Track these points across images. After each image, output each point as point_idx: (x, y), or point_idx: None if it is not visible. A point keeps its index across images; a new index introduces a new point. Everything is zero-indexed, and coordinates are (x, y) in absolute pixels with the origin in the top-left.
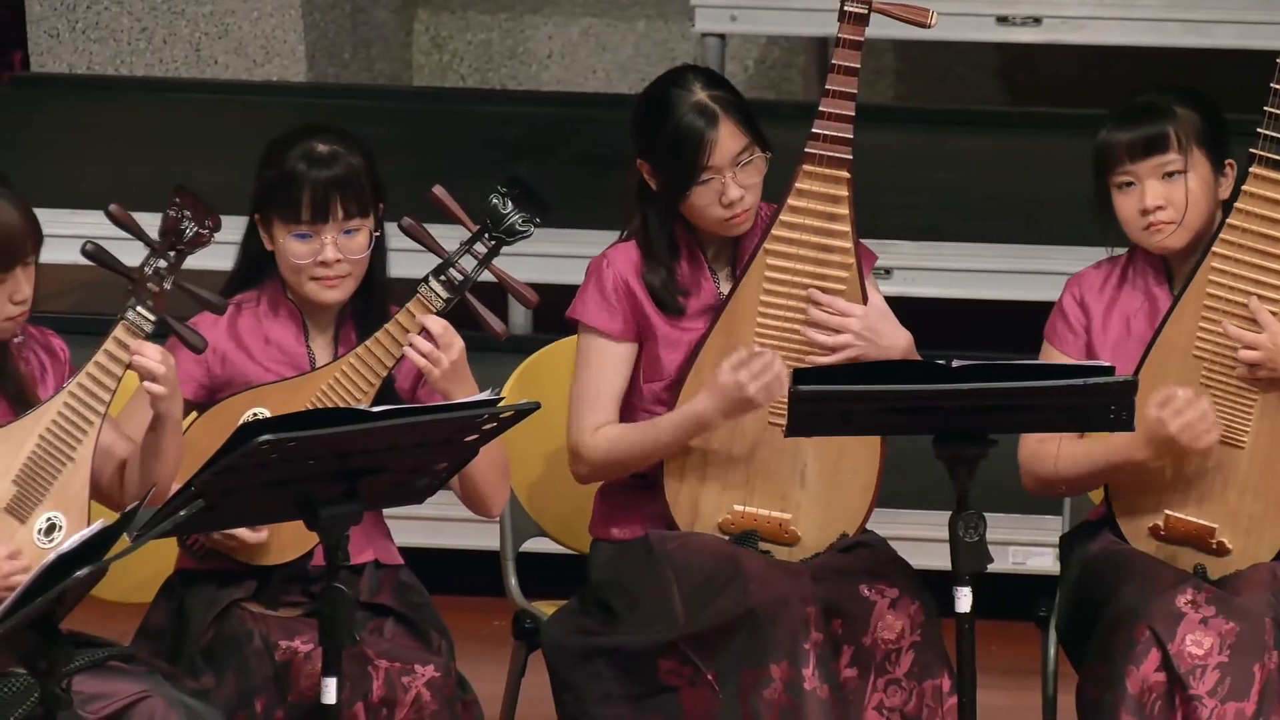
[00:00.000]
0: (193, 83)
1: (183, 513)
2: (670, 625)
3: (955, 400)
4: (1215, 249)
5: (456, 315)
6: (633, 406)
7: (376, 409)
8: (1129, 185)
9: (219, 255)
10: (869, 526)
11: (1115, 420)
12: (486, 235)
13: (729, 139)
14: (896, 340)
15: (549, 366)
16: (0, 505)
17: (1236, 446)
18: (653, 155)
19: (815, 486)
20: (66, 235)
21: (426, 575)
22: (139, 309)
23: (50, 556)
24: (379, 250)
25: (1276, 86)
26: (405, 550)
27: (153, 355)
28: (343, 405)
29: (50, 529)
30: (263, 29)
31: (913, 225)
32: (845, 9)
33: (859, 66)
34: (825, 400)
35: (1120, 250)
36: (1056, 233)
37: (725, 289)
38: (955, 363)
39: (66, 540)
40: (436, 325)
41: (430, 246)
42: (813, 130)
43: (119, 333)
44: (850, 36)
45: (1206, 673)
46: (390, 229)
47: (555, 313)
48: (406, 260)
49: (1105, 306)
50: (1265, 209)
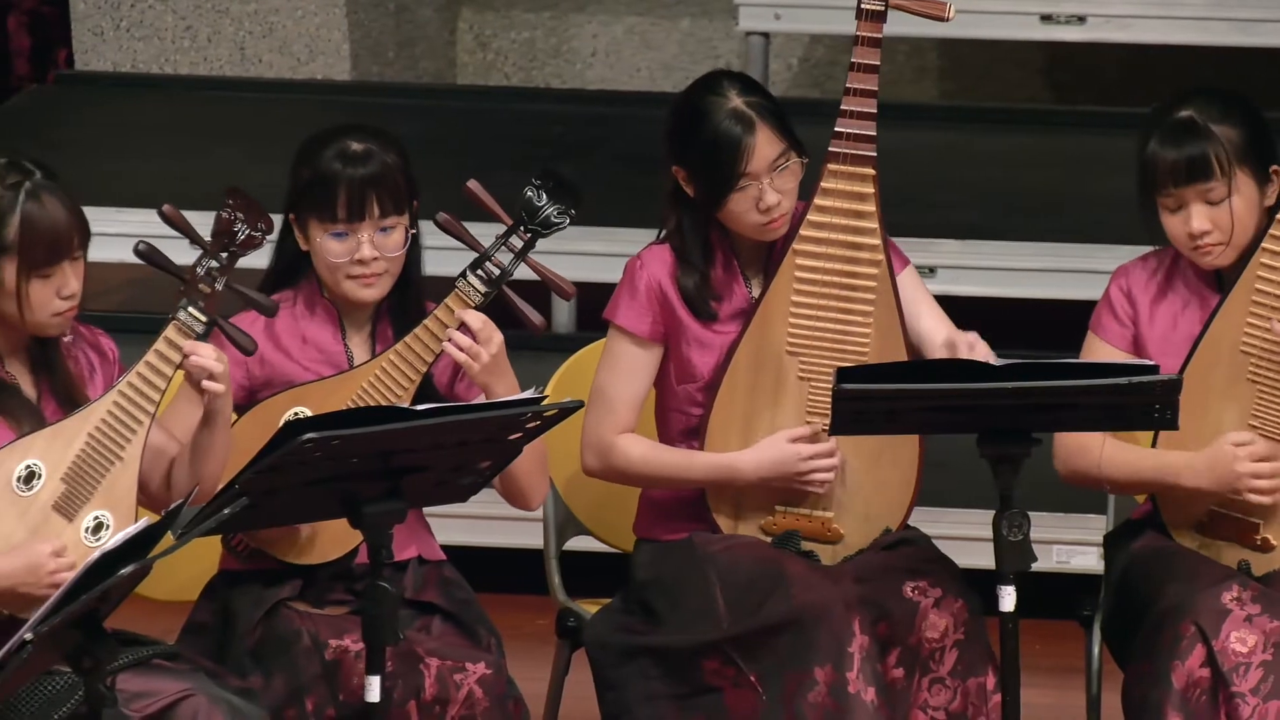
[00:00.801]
0: (237, 81)
1: (226, 511)
2: (713, 627)
3: (999, 399)
4: (1265, 245)
5: (495, 311)
6: (667, 407)
7: (420, 407)
8: (1176, 208)
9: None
10: (913, 523)
11: (1159, 419)
12: (522, 228)
13: (766, 145)
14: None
15: (592, 365)
16: (48, 503)
17: None
18: (689, 162)
19: (855, 483)
20: (111, 234)
21: (469, 573)
22: (190, 310)
23: (94, 554)
24: (414, 247)
25: None
26: (448, 548)
27: (209, 355)
28: (383, 402)
29: (98, 527)
30: (307, 27)
31: (956, 224)
32: (863, 6)
33: (879, 64)
34: (869, 399)
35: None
36: (1101, 231)
37: (757, 293)
38: (999, 361)
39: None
40: (475, 319)
41: (467, 241)
42: (835, 129)
43: (170, 333)
44: (869, 34)
45: (1250, 670)
46: (426, 226)
47: (598, 311)
48: (441, 258)
49: (1152, 301)
50: None
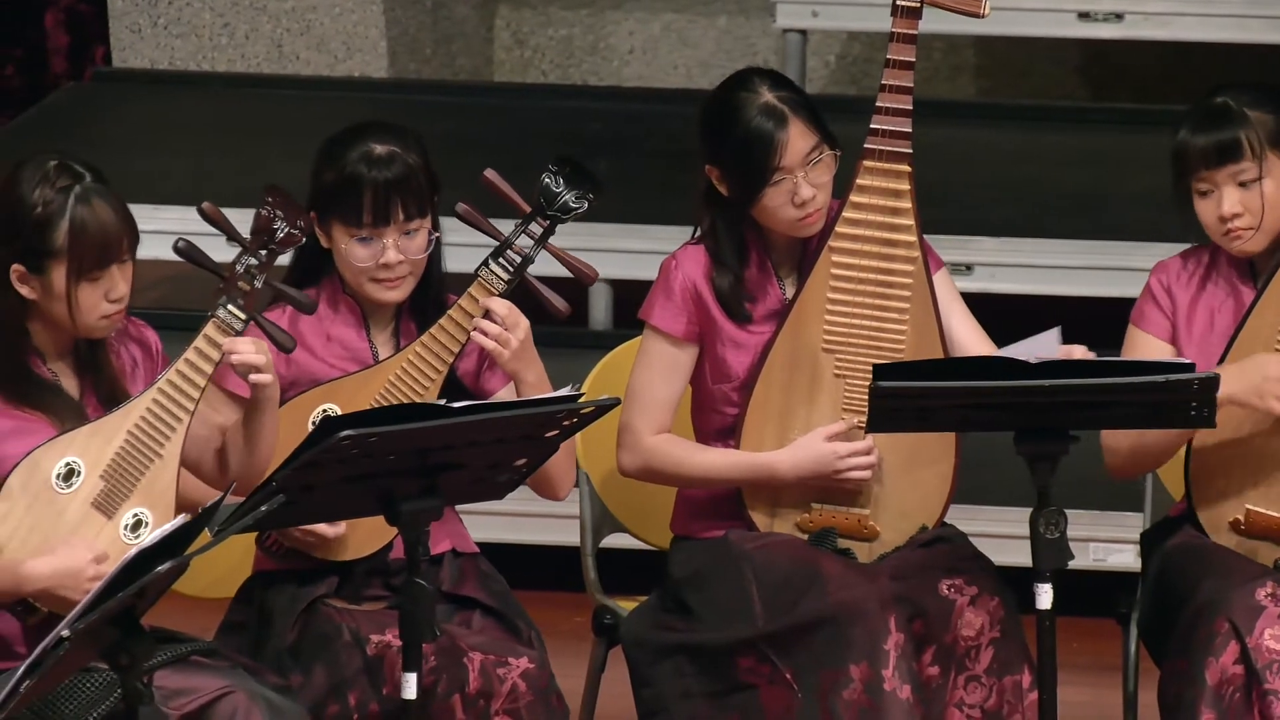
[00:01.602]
0: (274, 78)
1: (264, 508)
2: (749, 624)
3: (1036, 396)
4: None
5: (518, 299)
6: (702, 406)
7: (457, 405)
8: (1207, 192)
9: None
10: (949, 521)
11: (1196, 417)
12: (541, 215)
13: (799, 139)
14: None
15: (629, 362)
16: (88, 500)
17: None
18: (722, 160)
19: (892, 481)
20: (149, 230)
21: (506, 570)
22: (230, 307)
23: (131, 551)
24: (436, 244)
25: None
26: (485, 545)
27: (247, 349)
28: (411, 394)
29: (137, 525)
30: (344, 25)
31: (993, 221)
32: (898, 3)
33: (914, 60)
34: (905, 396)
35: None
36: (1138, 229)
37: (790, 293)
38: (1035, 359)
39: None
40: (501, 306)
41: (487, 230)
42: (871, 126)
43: (209, 330)
44: (904, 30)
45: None
46: (448, 222)
47: (636, 308)
48: (461, 255)
49: (1190, 297)
50: None
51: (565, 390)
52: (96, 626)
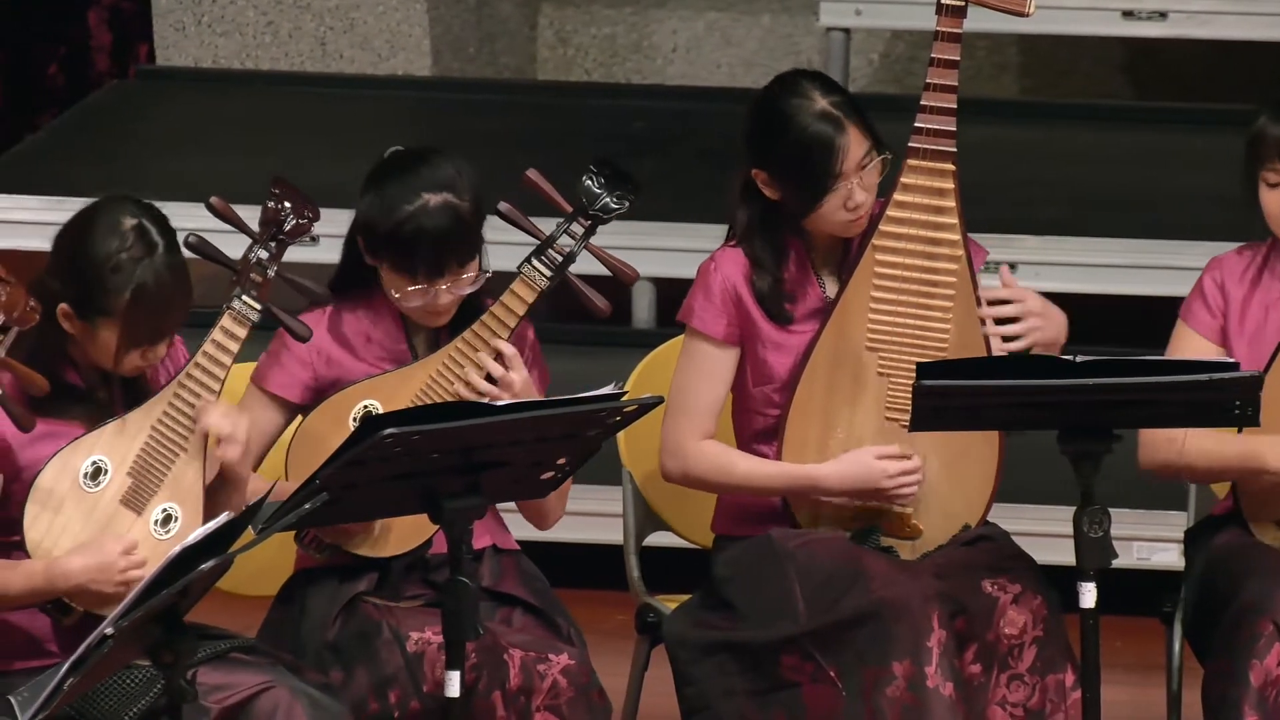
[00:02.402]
0: (318, 77)
1: (307, 506)
2: (792, 622)
3: (1079, 395)
4: None
5: (559, 299)
6: (744, 409)
7: (500, 403)
8: (1277, 184)
9: (324, 249)
10: (993, 519)
11: (1239, 416)
12: (582, 216)
13: (855, 145)
14: (1060, 316)
15: (672, 360)
16: (116, 498)
17: None
18: (775, 167)
19: (935, 479)
20: (189, 229)
21: (549, 568)
22: (244, 298)
23: (175, 549)
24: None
25: None
26: (528, 543)
27: (215, 417)
28: (452, 391)
29: (166, 520)
30: (388, 23)
31: (1037, 220)
32: (942, 1)
33: (959, 59)
34: (949, 395)
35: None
36: (1182, 228)
37: (831, 293)
38: (1079, 358)
39: (182, 531)
40: (508, 348)
41: (527, 229)
42: (915, 124)
43: (225, 322)
44: (948, 29)
45: None
46: (489, 221)
47: (678, 307)
48: (505, 253)
49: (1245, 293)
50: None
51: (608, 388)
52: (140, 624)
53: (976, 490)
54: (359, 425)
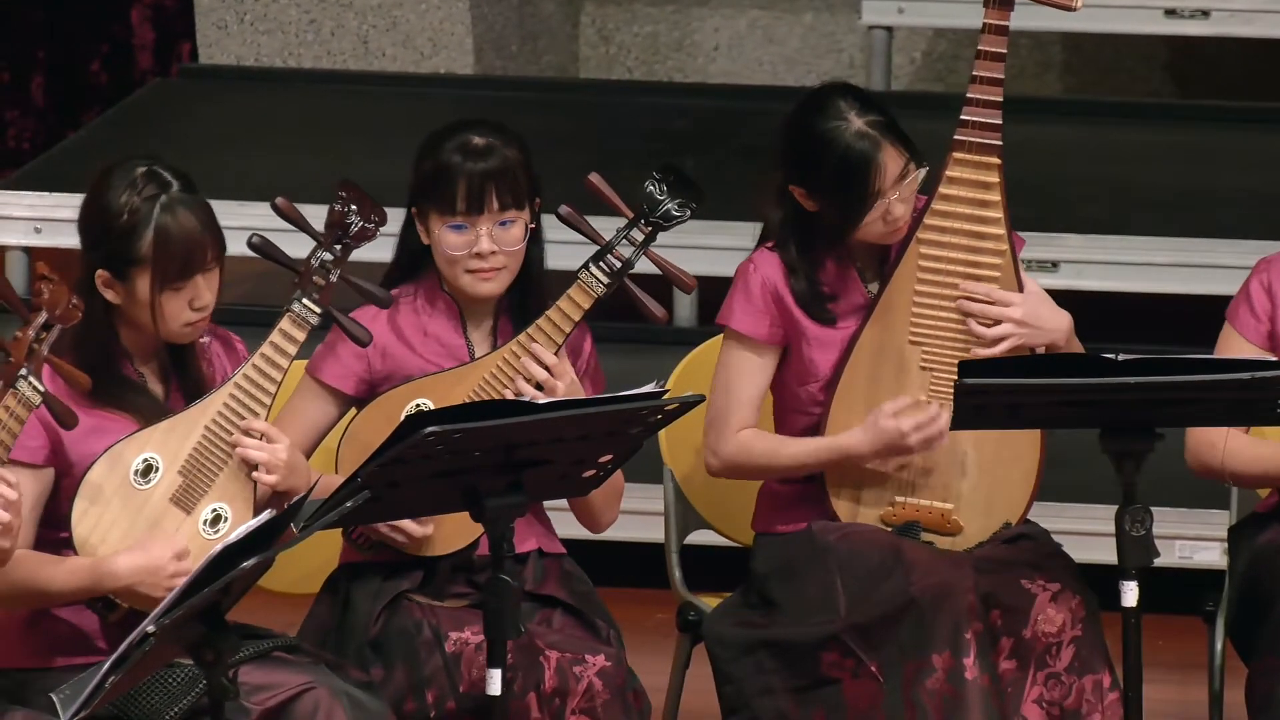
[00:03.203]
0: (360, 75)
1: (349, 504)
2: (833, 617)
3: (1121, 394)
4: None
5: (616, 303)
6: (788, 409)
7: (542, 400)
8: None
9: (379, 246)
10: (1034, 519)
11: None
12: (643, 221)
13: (891, 164)
14: (1058, 324)
15: (713, 359)
16: (166, 496)
17: None
18: (813, 185)
19: (976, 476)
20: (235, 227)
21: (591, 567)
22: (305, 301)
23: (217, 547)
24: (535, 243)
25: None
26: (569, 542)
27: (252, 446)
28: (506, 393)
29: (215, 520)
30: (430, 21)
31: (1080, 218)
32: None
33: (1005, 52)
34: (990, 394)
35: None
36: (1225, 226)
37: (873, 288)
38: (1121, 356)
39: (231, 531)
40: (550, 358)
41: (587, 233)
42: (961, 117)
43: (285, 325)
44: (996, 21)
45: None
46: (548, 221)
47: (720, 305)
48: (563, 252)
49: None
50: None
51: (650, 387)
52: (182, 622)
53: (1018, 489)
54: (401, 423)
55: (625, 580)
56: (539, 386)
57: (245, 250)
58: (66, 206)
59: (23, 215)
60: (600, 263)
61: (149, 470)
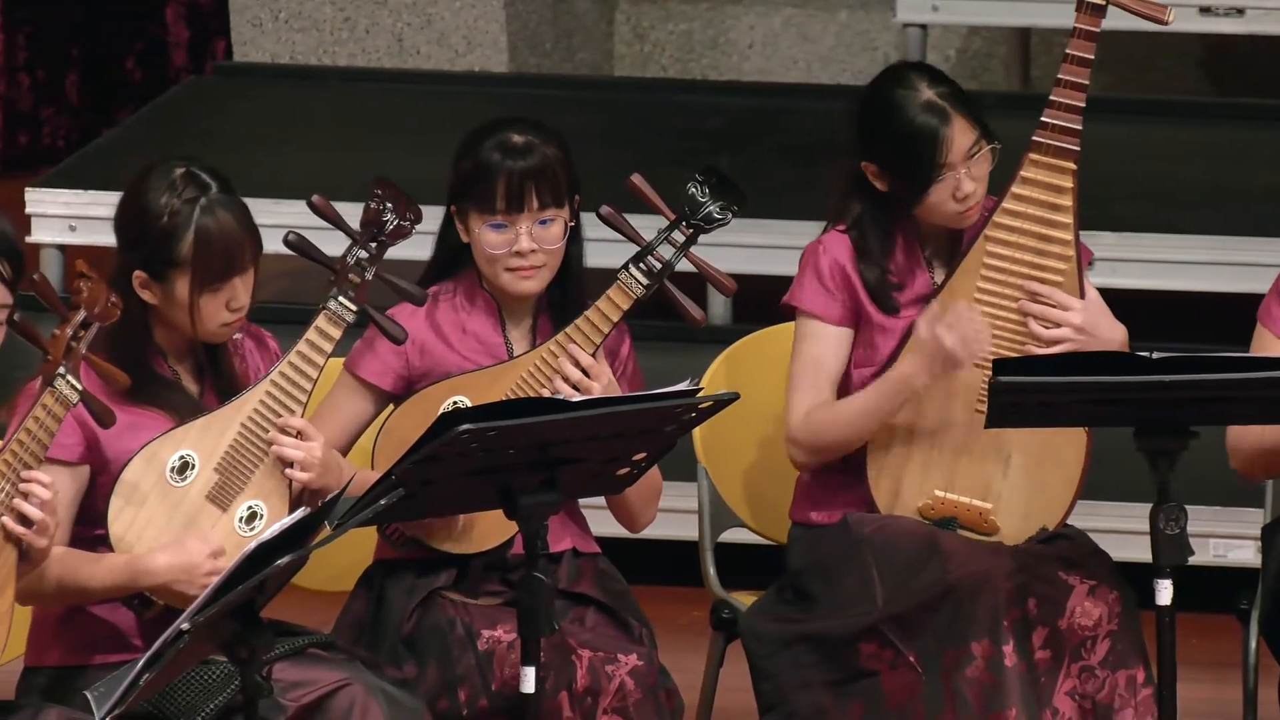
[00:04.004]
0: (395, 73)
1: (383, 501)
2: (870, 608)
3: (1156, 392)
4: None
5: (655, 303)
6: (841, 392)
7: (576, 399)
8: None
9: (417, 245)
10: (1069, 519)
11: None
12: (684, 223)
13: (961, 135)
14: (1114, 334)
15: (748, 357)
16: (202, 493)
17: None
18: (883, 158)
19: (1018, 478)
20: (269, 225)
21: (625, 565)
22: (340, 299)
23: (251, 544)
24: (575, 242)
25: None
26: (604, 540)
27: (288, 445)
28: (544, 392)
29: (251, 517)
30: (465, 19)
31: (1116, 216)
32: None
33: (1093, 58)
34: (1026, 391)
35: None
36: (1261, 224)
37: (939, 280)
38: (1156, 354)
39: (267, 528)
40: (586, 359)
41: (628, 234)
42: (1042, 119)
43: (321, 323)
44: (1086, 27)
45: None
46: (587, 219)
47: (755, 303)
48: (602, 250)
49: None
50: None
51: (684, 384)
52: (216, 619)
53: (1058, 494)
54: (435, 421)
55: (659, 578)
56: (575, 387)
57: (281, 248)
58: (101, 204)
59: (58, 213)
60: (640, 264)
61: (185, 468)
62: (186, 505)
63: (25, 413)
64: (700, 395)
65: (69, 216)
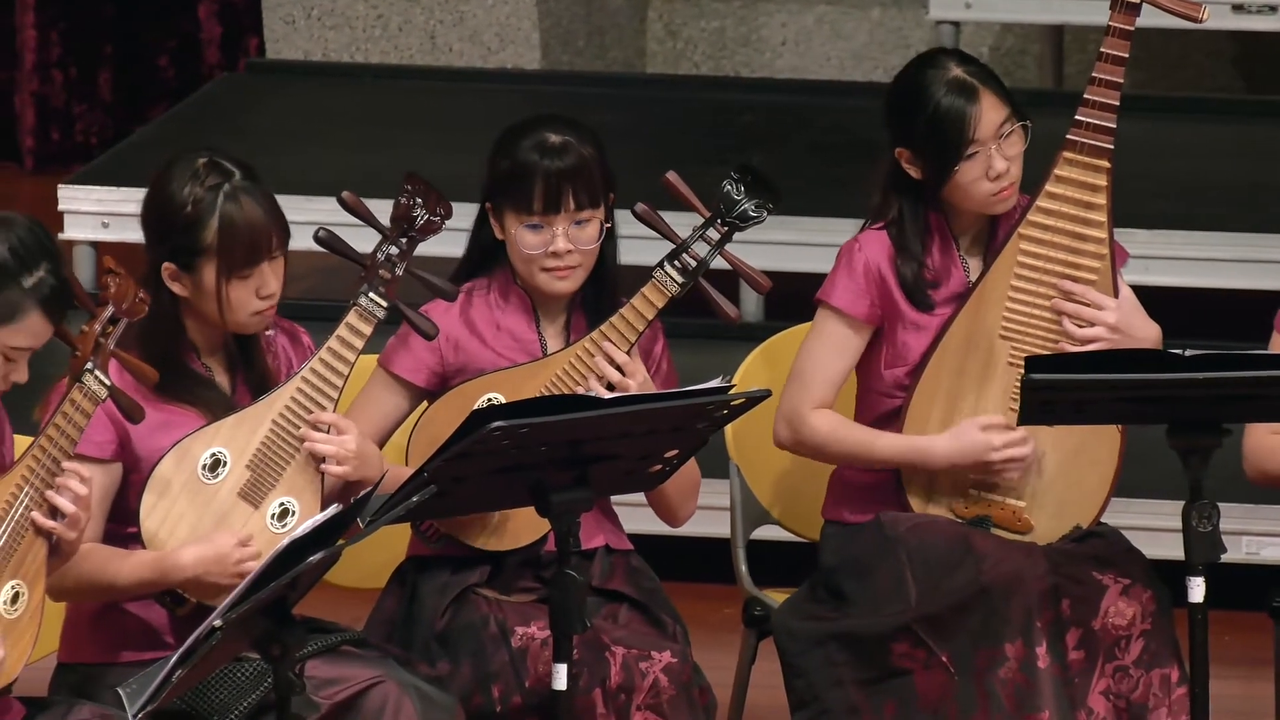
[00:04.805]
0: (427, 70)
1: (415, 498)
2: (903, 607)
3: (1189, 389)
4: None
5: (690, 301)
6: (872, 391)
7: (608, 395)
8: None
9: (450, 242)
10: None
11: None
12: (719, 221)
13: (991, 110)
14: (1147, 333)
15: (781, 354)
16: (234, 490)
17: None
18: (914, 139)
19: (1052, 476)
20: (301, 221)
21: (657, 562)
22: (371, 295)
23: (283, 542)
24: (609, 240)
25: None
26: (636, 537)
27: (318, 439)
28: (577, 390)
29: (283, 514)
30: (497, 16)
31: (1147, 214)
32: None
33: (1128, 56)
34: (1059, 389)
35: None
36: None
37: (974, 277)
38: (1188, 352)
39: (299, 525)
40: (621, 356)
41: (664, 232)
42: (1076, 117)
43: (352, 319)
44: (1121, 25)
45: None
46: (621, 216)
47: (787, 300)
48: (637, 247)
49: None
50: None
51: (716, 382)
52: (248, 616)
53: (1092, 493)
54: (467, 418)
55: (691, 575)
56: (610, 385)
57: (312, 245)
58: (133, 201)
59: (90, 210)
60: (675, 262)
61: (217, 465)
62: (218, 502)
63: (55, 409)
64: (732, 393)
65: (101, 213)
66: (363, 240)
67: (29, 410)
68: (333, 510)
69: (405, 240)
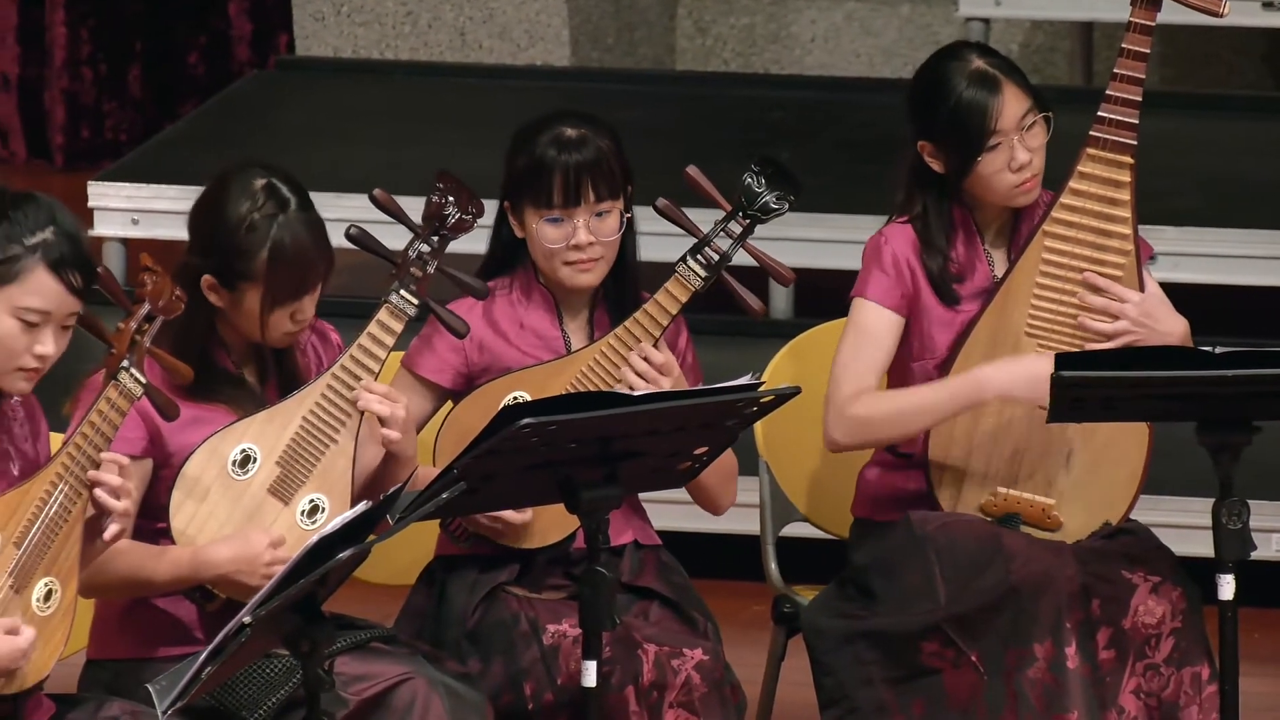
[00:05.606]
0: (457, 67)
1: (444, 495)
2: (933, 607)
3: (1219, 387)
4: None
5: (714, 296)
6: (901, 384)
7: (637, 392)
8: None
9: (478, 239)
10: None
11: None
12: (741, 214)
13: (1013, 101)
14: (1174, 327)
15: (810, 351)
16: (264, 487)
17: None
18: (936, 132)
19: (1080, 473)
20: (331, 219)
21: (686, 559)
22: (402, 292)
23: (313, 538)
24: (629, 234)
25: None
26: (665, 534)
27: (372, 400)
28: (602, 387)
29: (313, 510)
30: (527, 13)
31: (1176, 211)
32: None
33: (1149, 51)
34: (1088, 386)
35: None
36: None
37: (999, 272)
38: (1218, 349)
39: (329, 522)
40: (658, 356)
41: (685, 226)
42: (1098, 114)
43: (383, 316)
44: (1142, 21)
45: None
46: (644, 213)
47: (816, 296)
48: (660, 244)
49: None
50: None
51: (746, 379)
52: (278, 613)
53: (1121, 489)
54: (496, 415)
55: (720, 573)
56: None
57: (343, 242)
58: (164, 198)
59: (120, 206)
60: (698, 256)
61: (247, 461)
62: (248, 499)
63: (89, 406)
64: (761, 390)
65: (131, 210)
66: (393, 238)
67: (59, 405)
68: (362, 507)
69: (437, 238)
